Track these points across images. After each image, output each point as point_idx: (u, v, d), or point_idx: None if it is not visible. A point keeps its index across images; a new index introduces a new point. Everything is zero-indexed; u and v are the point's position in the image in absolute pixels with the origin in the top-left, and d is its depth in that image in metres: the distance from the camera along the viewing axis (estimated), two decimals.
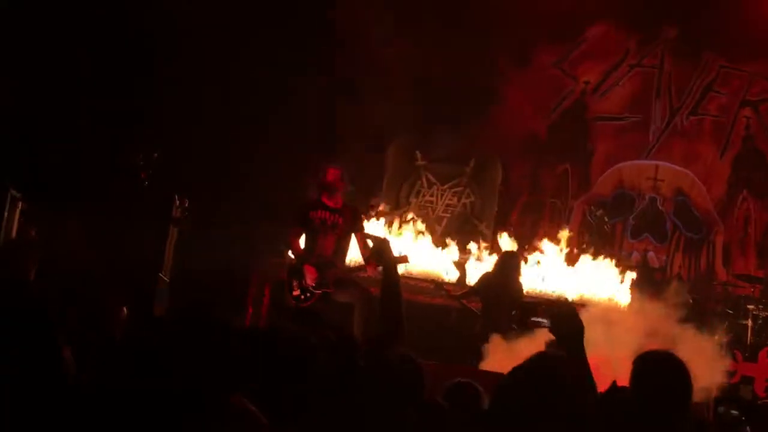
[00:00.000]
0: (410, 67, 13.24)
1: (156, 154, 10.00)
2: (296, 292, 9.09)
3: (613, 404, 4.15)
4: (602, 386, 4.00)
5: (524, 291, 10.68)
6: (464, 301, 10.50)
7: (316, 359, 3.57)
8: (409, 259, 9.65)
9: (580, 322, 3.82)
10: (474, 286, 10.78)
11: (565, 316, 3.82)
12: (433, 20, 13.60)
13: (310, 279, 9.02)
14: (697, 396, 7.59)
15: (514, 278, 10.40)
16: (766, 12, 14.41)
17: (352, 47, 13.08)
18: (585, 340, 3.81)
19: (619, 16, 14.68)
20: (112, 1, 11.69)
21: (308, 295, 9.06)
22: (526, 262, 12.12)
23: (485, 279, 10.58)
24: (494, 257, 12.39)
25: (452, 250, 12.59)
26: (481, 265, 12.39)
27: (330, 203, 9.15)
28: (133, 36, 11.60)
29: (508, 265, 10.53)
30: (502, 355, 8.70)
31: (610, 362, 4.58)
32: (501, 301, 9.96)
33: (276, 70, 12.67)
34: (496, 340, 9.29)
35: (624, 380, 4.05)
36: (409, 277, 11.99)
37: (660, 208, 14.72)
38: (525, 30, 14.29)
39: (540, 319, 3.82)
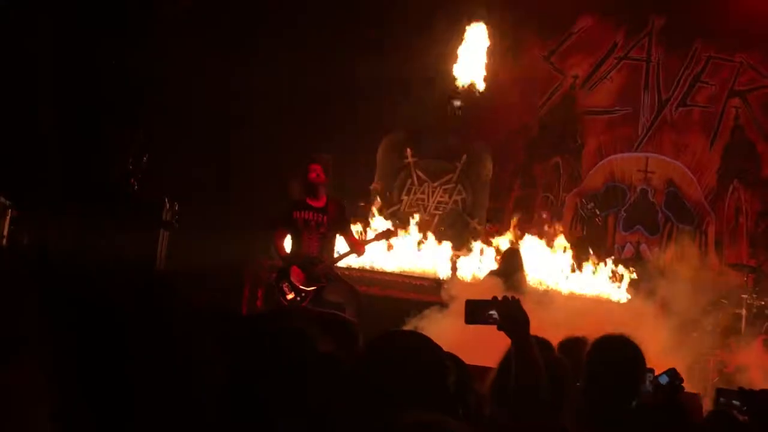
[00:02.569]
0: (399, 64, 13.24)
1: (145, 158, 10.00)
2: (291, 296, 9.07)
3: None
4: None
5: (529, 286, 10.60)
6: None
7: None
8: (396, 232, 9.69)
9: (525, 315, 3.92)
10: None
11: (512, 313, 3.91)
12: (421, 17, 13.60)
13: (297, 280, 9.02)
14: (693, 387, 7.65)
15: (520, 275, 10.34)
16: (753, 1, 14.45)
17: (341, 47, 13.08)
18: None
19: (606, 9, 14.71)
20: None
21: (303, 295, 9.05)
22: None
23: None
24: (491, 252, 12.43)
25: (445, 248, 12.60)
26: (476, 261, 12.40)
27: (313, 202, 9.15)
28: (124, 38, 11.56)
29: (512, 262, 10.46)
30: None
31: None
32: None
33: (267, 71, 12.67)
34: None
35: None
36: (404, 275, 12.03)
37: (651, 199, 14.74)
38: (514, 25, 14.31)
39: (492, 312, 3.94)
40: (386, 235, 9.78)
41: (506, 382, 4.01)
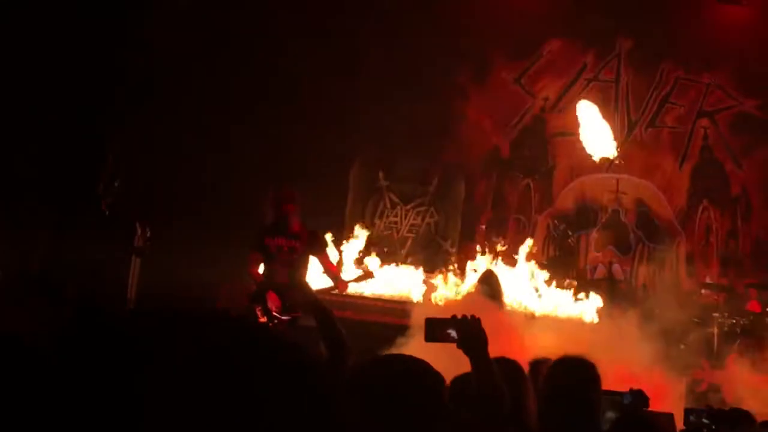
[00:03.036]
0: (371, 88, 13.29)
1: (117, 183, 9.95)
2: (262, 319, 9.00)
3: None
4: None
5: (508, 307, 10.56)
6: None
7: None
8: (374, 275, 9.67)
9: (484, 334, 3.93)
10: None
11: (470, 332, 3.93)
12: (392, 40, 13.67)
13: (273, 305, 8.96)
14: (667, 407, 7.67)
15: (498, 297, 10.31)
16: (720, 22, 14.63)
17: (313, 72, 13.10)
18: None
19: (574, 32, 14.81)
20: (80, 28, 11.63)
21: (275, 321, 8.98)
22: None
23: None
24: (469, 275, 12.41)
25: (419, 271, 12.61)
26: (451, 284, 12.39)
27: (286, 228, 9.13)
28: (98, 63, 11.53)
29: (491, 284, 10.42)
30: None
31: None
32: None
33: (240, 97, 12.70)
34: None
35: None
36: (379, 299, 12.01)
37: (622, 220, 14.82)
38: (483, 48, 14.41)
39: (451, 331, 3.95)
40: (365, 276, 9.76)
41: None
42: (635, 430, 4.57)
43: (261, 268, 9.31)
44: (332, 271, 9.31)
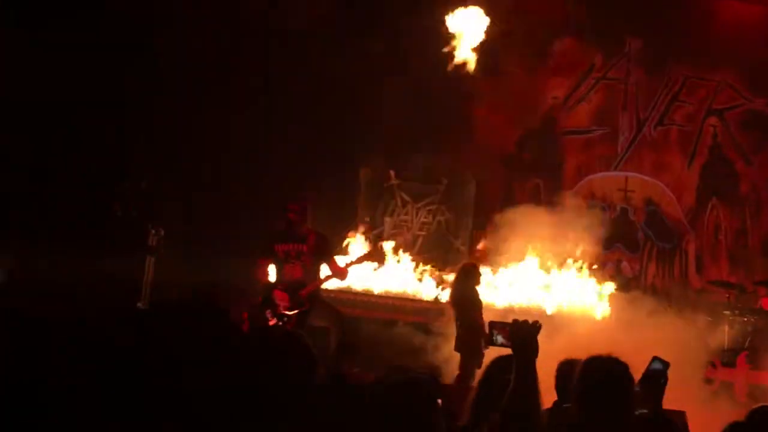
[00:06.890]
0: (382, 88, 13.32)
1: (144, 184, 10.01)
2: (272, 321, 9.06)
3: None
4: None
5: (482, 302, 10.53)
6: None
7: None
8: (383, 260, 9.69)
9: (536, 344, 3.99)
10: (449, 302, 10.48)
11: (522, 338, 3.99)
12: (398, 40, 13.69)
13: (282, 303, 9.03)
14: (679, 405, 7.70)
15: (473, 288, 10.26)
16: (730, 20, 14.64)
17: (324, 72, 13.14)
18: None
19: (584, 31, 14.83)
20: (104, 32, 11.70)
21: (285, 320, 9.05)
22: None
23: (457, 293, 10.37)
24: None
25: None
26: None
27: (294, 234, 9.23)
28: (115, 67, 11.58)
29: (470, 275, 10.39)
30: None
31: None
32: (472, 312, 9.82)
33: (254, 103, 12.75)
34: None
35: None
36: (387, 297, 12.06)
37: (631, 218, 14.84)
38: (493, 47, 14.41)
39: (501, 339, 4.01)
40: (368, 257, 9.77)
41: (488, 401, 4.09)
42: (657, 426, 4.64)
43: (272, 275, 9.37)
44: (339, 271, 9.33)
